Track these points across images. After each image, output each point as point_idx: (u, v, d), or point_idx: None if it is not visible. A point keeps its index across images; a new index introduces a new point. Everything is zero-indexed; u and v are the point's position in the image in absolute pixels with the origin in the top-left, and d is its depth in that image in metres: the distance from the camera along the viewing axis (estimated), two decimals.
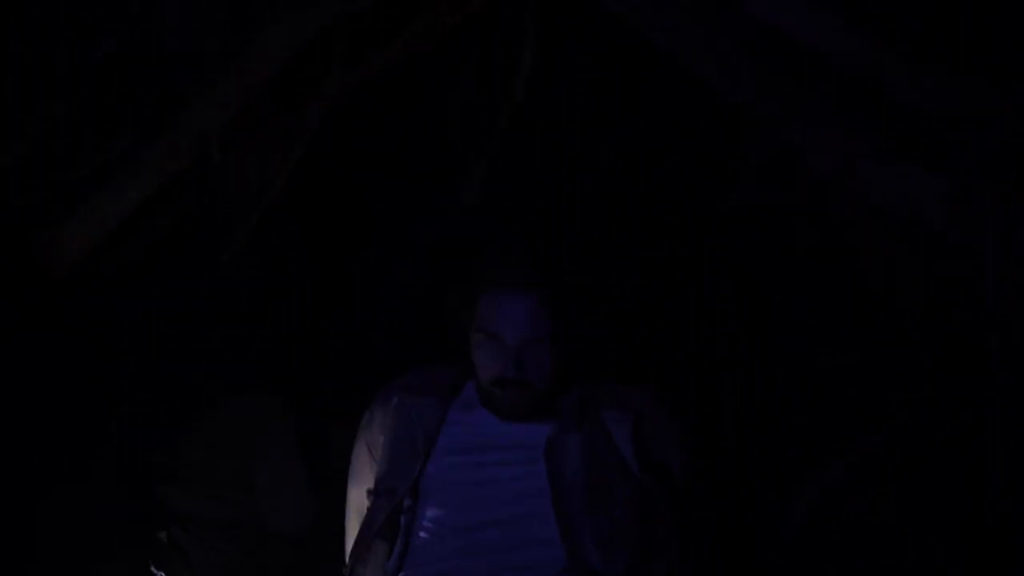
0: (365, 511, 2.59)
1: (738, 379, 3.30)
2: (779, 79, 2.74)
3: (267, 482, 3.24)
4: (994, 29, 2.52)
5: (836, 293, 3.03)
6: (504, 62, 3.51)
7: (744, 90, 2.80)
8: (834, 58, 2.61)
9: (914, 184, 2.54)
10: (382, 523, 2.44)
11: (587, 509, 2.34)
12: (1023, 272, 2.42)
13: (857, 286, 2.96)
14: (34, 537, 2.96)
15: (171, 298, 3.33)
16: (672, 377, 3.21)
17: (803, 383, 3.13)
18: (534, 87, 3.52)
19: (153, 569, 3.10)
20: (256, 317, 3.46)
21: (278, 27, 3.11)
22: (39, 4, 2.80)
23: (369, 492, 2.60)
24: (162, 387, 3.33)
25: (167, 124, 3.09)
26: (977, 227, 2.46)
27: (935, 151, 2.51)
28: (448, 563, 2.35)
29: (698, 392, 3.30)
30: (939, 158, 2.50)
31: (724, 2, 2.75)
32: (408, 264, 3.69)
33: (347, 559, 2.61)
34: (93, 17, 2.88)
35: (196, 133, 3.11)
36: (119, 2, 2.87)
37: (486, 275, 2.42)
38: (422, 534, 2.41)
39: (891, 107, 2.59)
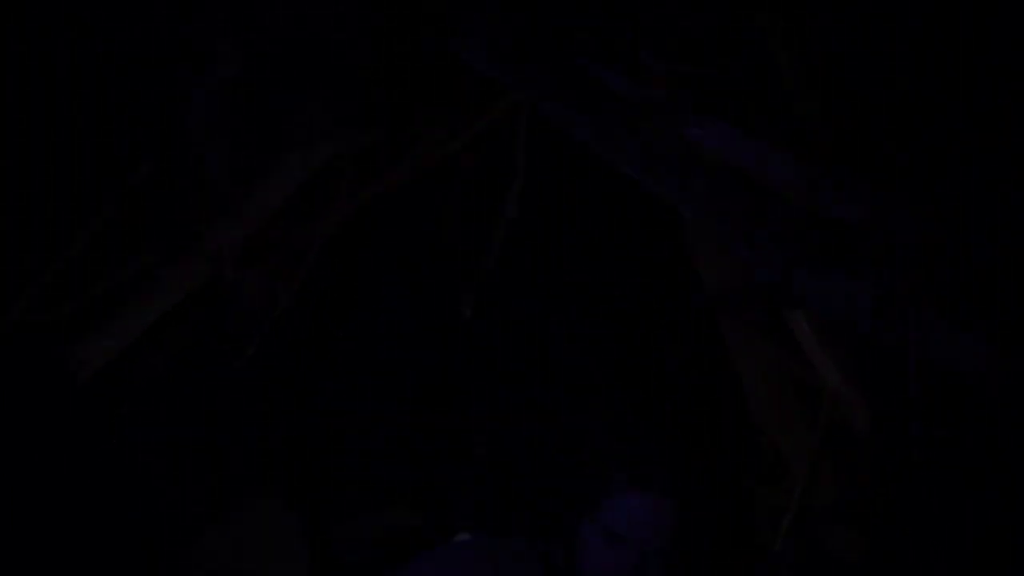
0: None
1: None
2: (725, 200, 3.08)
3: None
4: (907, 153, 2.88)
5: None
6: (497, 181, 3.82)
7: (696, 210, 3.14)
8: (769, 181, 2.96)
9: (843, 291, 2.85)
10: None
11: None
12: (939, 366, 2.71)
13: None
14: None
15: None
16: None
17: None
18: (525, 204, 3.79)
19: None
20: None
21: (295, 154, 3.43)
22: (88, 126, 3.17)
23: None
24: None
25: (190, 243, 3.43)
26: (899, 328, 2.75)
27: (860, 261, 2.83)
28: None
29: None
30: (864, 267, 2.82)
31: (680, 140, 3.11)
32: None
33: None
34: (135, 139, 3.26)
35: (215, 251, 3.44)
36: (160, 125, 3.23)
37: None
38: None
39: (821, 223, 2.91)
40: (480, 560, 2.11)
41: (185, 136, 3.30)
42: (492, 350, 3.82)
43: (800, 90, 3.09)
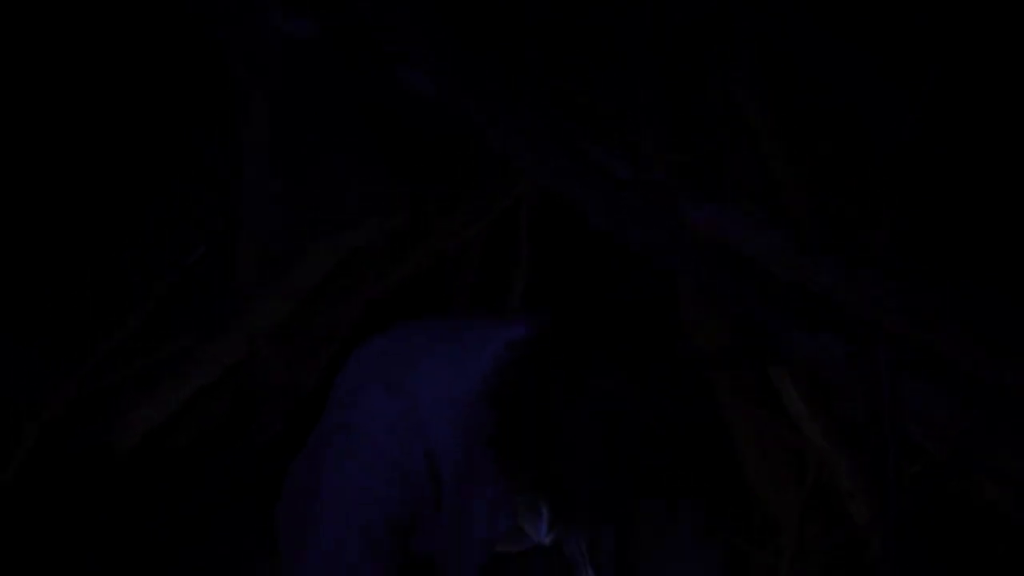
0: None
1: None
2: (719, 273, 3.43)
3: None
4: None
5: None
6: (507, 261, 4.07)
7: (693, 280, 3.49)
8: (755, 254, 3.32)
9: (820, 347, 3.19)
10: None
11: None
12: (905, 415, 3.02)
13: None
14: None
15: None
16: None
17: None
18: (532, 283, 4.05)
19: None
20: None
21: (330, 239, 3.68)
22: (147, 208, 3.46)
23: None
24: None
25: (229, 323, 3.68)
26: (872, 380, 3.06)
27: (837, 322, 3.18)
28: None
29: None
30: (840, 326, 3.17)
31: (677, 219, 3.46)
32: None
33: None
34: (186, 226, 3.56)
35: (251, 331, 3.68)
36: (208, 215, 3.53)
37: None
38: None
39: (803, 291, 3.27)
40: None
41: (231, 221, 3.59)
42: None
43: (787, 175, 3.48)
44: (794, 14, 3.96)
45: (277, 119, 3.76)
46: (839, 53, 3.97)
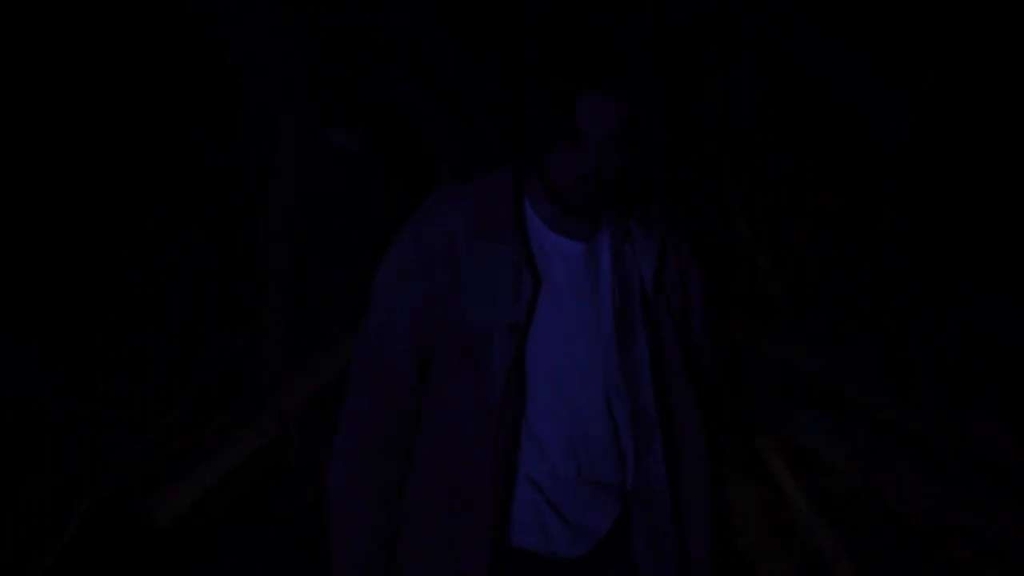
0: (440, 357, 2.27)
1: None
2: None
3: None
4: None
5: None
6: None
7: None
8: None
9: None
10: (510, 359, 2.20)
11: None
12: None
13: None
14: None
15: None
16: None
17: None
18: None
19: None
20: None
21: (352, 331, 3.78)
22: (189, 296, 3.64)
23: (448, 336, 2.25)
24: None
25: (259, 408, 3.86)
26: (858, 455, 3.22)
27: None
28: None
29: None
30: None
31: None
32: None
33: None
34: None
35: (279, 416, 3.87)
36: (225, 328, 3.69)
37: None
38: (544, 368, 2.23)
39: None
40: (461, 187, 2.35)
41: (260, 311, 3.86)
42: None
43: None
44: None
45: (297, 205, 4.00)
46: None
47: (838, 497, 3.58)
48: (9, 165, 3.88)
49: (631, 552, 2.28)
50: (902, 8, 3.92)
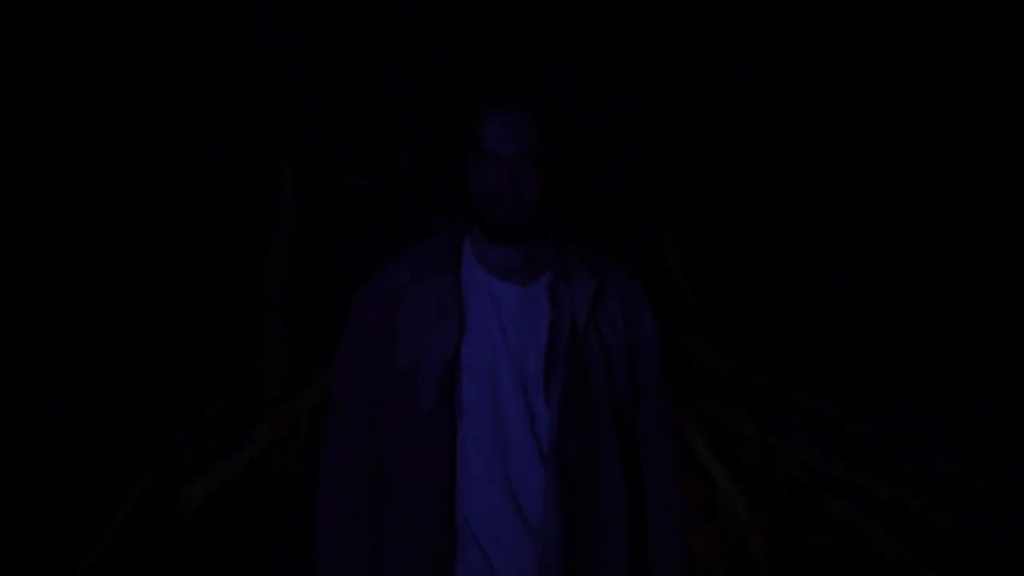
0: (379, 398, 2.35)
1: None
2: None
3: None
4: None
5: None
6: None
7: None
8: None
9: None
10: (436, 394, 2.27)
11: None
12: None
13: None
14: None
15: None
16: None
17: None
18: None
19: None
20: None
21: None
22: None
23: (388, 377, 2.34)
24: None
25: (277, 407, 4.03)
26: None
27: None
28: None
29: None
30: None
31: None
32: None
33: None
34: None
35: (291, 417, 4.04)
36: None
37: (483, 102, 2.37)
38: (474, 404, 2.29)
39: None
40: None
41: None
42: None
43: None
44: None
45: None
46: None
47: (749, 468, 3.78)
48: (9, 165, 3.89)
49: None
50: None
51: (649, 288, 2.40)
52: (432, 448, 2.28)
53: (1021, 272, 3.89)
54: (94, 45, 3.95)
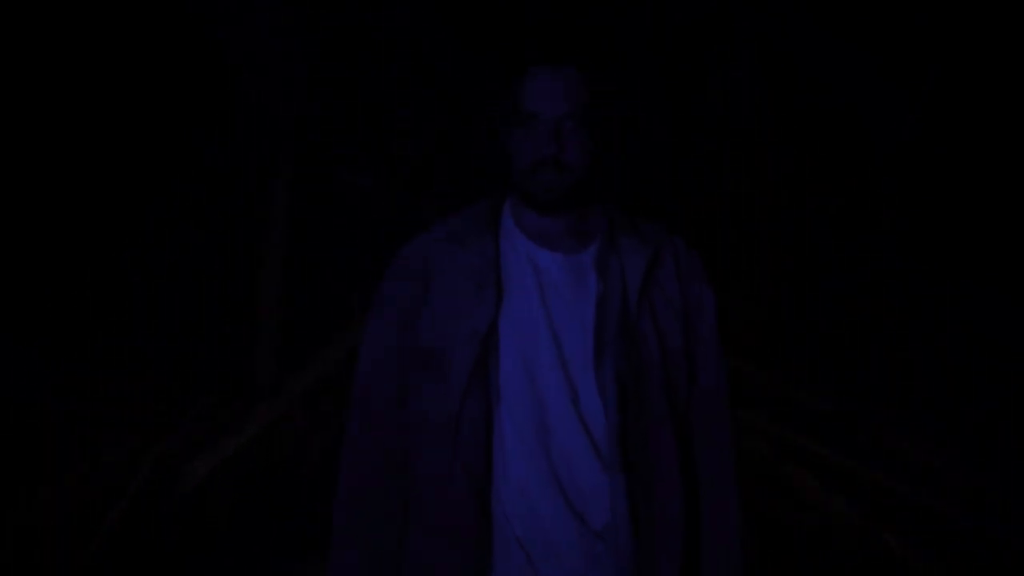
0: (408, 375, 2.11)
1: None
2: None
3: None
4: None
5: None
6: None
7: None
8: None
9: None
10: (469, 373, 2.03)
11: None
12: None
13: None
14: None
15: None
16: None
17: None
18: None
19: None
20: None
21: (353, 332, 3.92)
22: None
23: (414, 353, 2.10)
24: None
25: (274, 392, 4.09)
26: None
27: None
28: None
29: None
30: None
31: None
32: None
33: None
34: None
35: (289, 397, 4.10)
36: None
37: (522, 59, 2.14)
38: (512, 385, 2.05)
39: None
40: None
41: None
42: None
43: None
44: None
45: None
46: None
47: None
48: (10, 165, 3.89)
49: None
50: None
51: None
52: (464, 436, 2.02)
53: (1021, 272, 3.90)
54: (93, 45, 3.95)
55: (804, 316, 4.06)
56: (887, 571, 3.53)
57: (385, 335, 2.14)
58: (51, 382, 3.83)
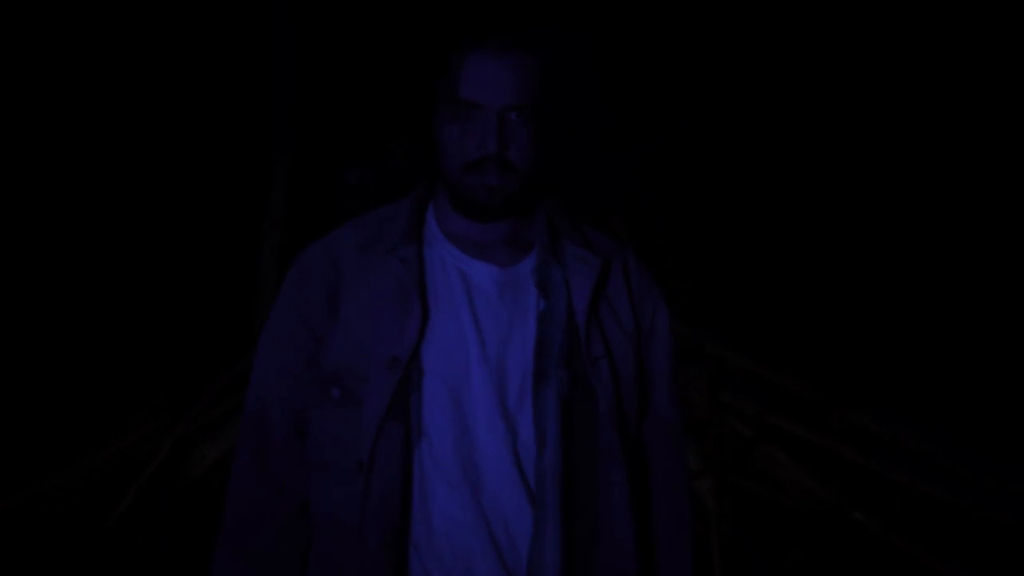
0: (316, 411, 1.76)
1: None
2: None
3: None
4: None
5: None
6: None
7: None
8: None
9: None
10: (387, 404, 1.68)
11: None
12: None
13: None
14: None
15: None
16: None
17: None
18: None
19: None
20: None
21: None
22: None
23: (319, 377, 1.76)
24: None
25: None
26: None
27: None
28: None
29: None
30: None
31: None
32: None
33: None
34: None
35: None
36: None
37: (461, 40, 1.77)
38: (436, 419, 1.71)
39: None
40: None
41: None
42: None
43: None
44: None
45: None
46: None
47: (698, 422, 3.85)
48: (10, 166, 3.93)
49: None
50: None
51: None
52: (378, 477, 1.68)
53: (1021, 272, 3.92)
54: (93, 44, 3.99)
55: (779, 298, 4.16)
56: (861, 547, 3.59)
57: (283, 351, 1.78)
58: (51, 382, 3.88)
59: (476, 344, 1.73)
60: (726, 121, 4.23)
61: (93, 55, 3.95)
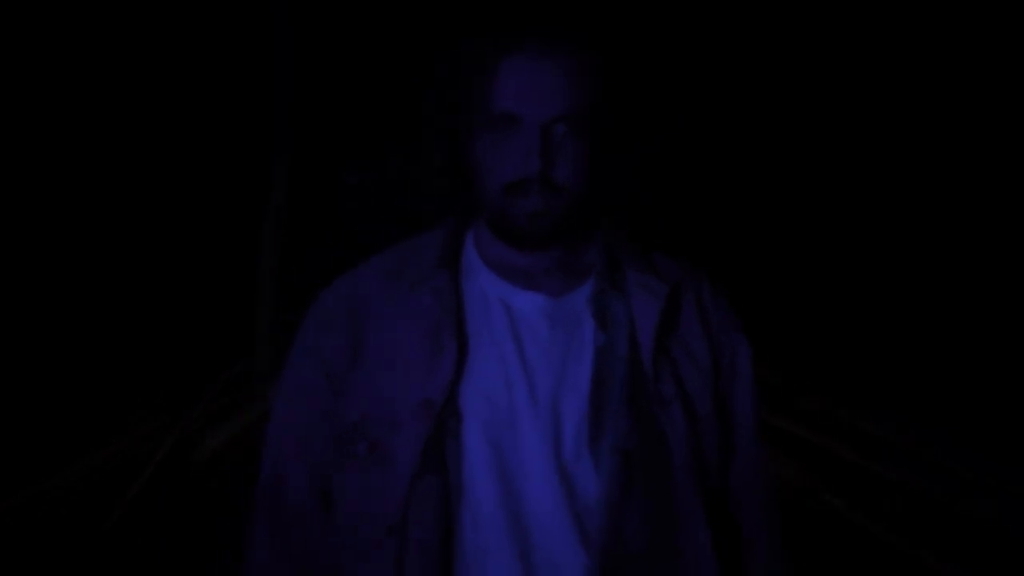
0: (340, 464, 1.53)
1: None
2: None
3: None
4: None
5: None
6: None
7: None
8: None
9: None
10: (419, 454, 1.44)
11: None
12: None
13: None
14: None
15: None
16: None
17: None
18: None
19: None
20: None
21: None
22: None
23: (342, 432, 1.53)
24: None
25: (272, 376, 4.18)
26: None
27: None
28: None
29: None
30: None
31: None
32: None
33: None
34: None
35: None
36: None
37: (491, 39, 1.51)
38: (478, 473, 1.46)
39: None
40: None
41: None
42: None
43: None
44: None
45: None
46: None
47: None
48: (10, 166, 3.94)
49: None
50: None
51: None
52: (412, 543, 1.44)
53: (1021, 272, 3.92)
54: (93, 45, 4.00)
55: (780, 298, 4.19)
56: (861, 547, 3.62)
57: (301, 406, 1.57)
58: (51, 381, 3.89)
59: (523, 385, 1.48)
60: (726, 121, 4.24)
61: (93, 55, 3.97)
